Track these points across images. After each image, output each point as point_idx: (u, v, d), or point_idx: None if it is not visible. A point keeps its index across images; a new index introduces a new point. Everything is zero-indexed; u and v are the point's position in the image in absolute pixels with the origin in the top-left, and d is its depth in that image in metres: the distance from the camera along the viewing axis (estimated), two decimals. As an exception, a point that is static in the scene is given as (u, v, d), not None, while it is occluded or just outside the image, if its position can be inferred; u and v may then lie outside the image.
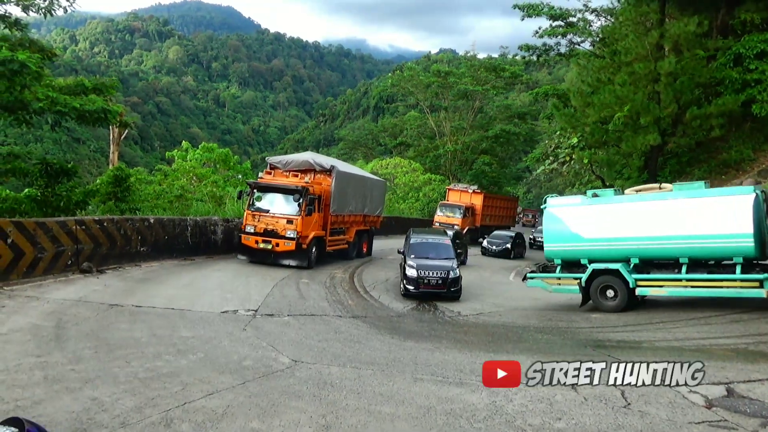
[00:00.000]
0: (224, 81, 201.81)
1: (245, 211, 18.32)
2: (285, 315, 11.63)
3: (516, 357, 8.06)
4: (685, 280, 12.56)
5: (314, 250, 18.38)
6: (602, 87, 25.29)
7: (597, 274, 13.70)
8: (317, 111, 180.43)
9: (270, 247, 17.55)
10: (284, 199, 18.03)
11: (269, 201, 18.18)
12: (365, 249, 23.55)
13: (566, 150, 38.70)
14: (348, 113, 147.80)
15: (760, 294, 11.52)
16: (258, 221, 17.83)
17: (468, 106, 57.70)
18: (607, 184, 35.78)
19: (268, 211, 17.93)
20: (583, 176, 42.86)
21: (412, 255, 15.49)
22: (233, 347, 8.78)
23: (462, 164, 57.31)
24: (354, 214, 21.56)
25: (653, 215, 13.01)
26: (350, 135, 78.00)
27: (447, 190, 41.69)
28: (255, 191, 18.37)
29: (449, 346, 9.88)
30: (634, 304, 13.55)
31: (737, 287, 11.90)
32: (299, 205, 17.67)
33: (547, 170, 45.20)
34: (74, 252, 13.51)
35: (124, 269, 14.76)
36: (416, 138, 62.88)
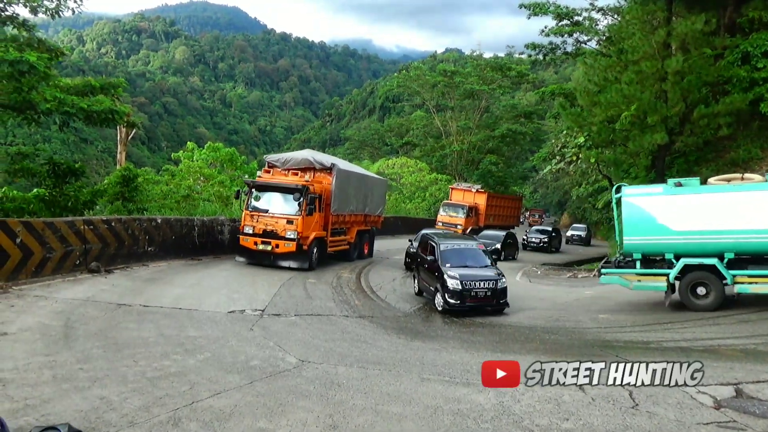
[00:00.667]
0: (231, 81, 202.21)
1: (243, 211, 17.77)
2: (292, 315, 11.65)
3: (523, 357, 8.05)
4: None
5: (315, 252, 17.82)
6: (609, 86, 25.17)
7: (688, 270, 12.54)
8: (323, 111, 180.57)
9: (269, 249, 16.98)
10: (284, 199, 17.44)
11: (268, 201, 17.58)
12: (366, 250, 22.89)
13: (573, 149, 38.59)
14: (354, 113, 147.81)
15: None
16: (257, 222, 17.23)
17: (474, 106, 57.61)
18: (614, 184, 35.74)
19: (267, 211, 17.34)
20: (590, 176, 42.80)
21: (448, 264, 13.64)
22: (240, 347, 8.81)
23: (468, 164, 57.22)
24: (355, 214, 20.97)
25: (752, 207, 12.07)
26: (356, 135, 78.05)
27: (450, 189, 40.92)
28: (253, 190, 17.75)
29: (456, 347, 9.87)
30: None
31: None
32: (299, 205, 17.06)
33: (554, 170, 45.11)
34: (82, 252, 13.58)
35: (132, 269, 14.82)
36: (422, 138, 62.84)
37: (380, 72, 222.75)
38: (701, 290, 12.59)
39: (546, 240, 35.61)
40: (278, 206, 17.38)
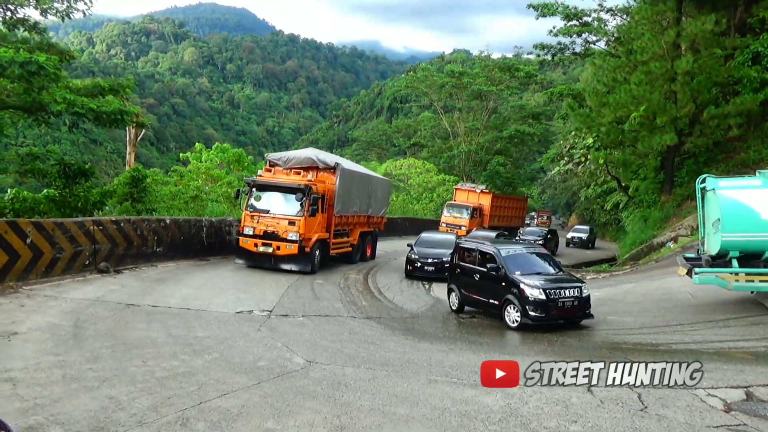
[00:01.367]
0: (239, 82, 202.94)
1: (243, 212, 17.14)
2: (299, 315, 11.67)
3: (531, 359, 8.01)
4: None
5: (318, 254, 17.23)
6: (618, 86, 25.12)
7: None
8: (331, 112, 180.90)
9: (270, 251, 16.37)
10: (286, 199, 16.79)
11: (269, 201, 16.92)
12: (369, 252, 22.22)
13: (581, 150, 38.51)
14: (362, 114, 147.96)
15: None
16: (257, 222, 16.62)
17: (482, 107, 57.51)
18: (623, 185, 35.58)
19: (268, 212, 16.69)
20: (599, 177, 42.69)
21: (517, 272, 11.91)
22: (248, 347, 8.83)
23: (476, 165, 57.12)
24: (358, 215, 20.42)
25: None
26: (364, 136, 78.17)
27: (454, 190, 40.28)
28: (253, 190, 17.10)
29: (464, 348, 9.85)
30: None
31: None
32: (302, 205, 16.47)
33: (562, 171, 44.98)
34: (92, 252, 13.67)
35: (141, 269, 14.90)
36: (430, 139, 62.80)
37: (388, 73, 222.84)
38: None
39: (541, 242, 31.43)
40: (280, 206, 16.78)
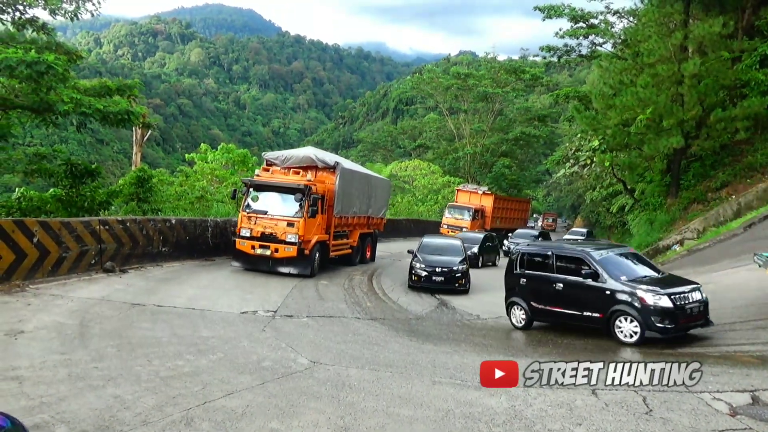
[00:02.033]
0: (245, 83, 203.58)
1: (240, 213, 16.59)
2: (304, 316, 11.68)
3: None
4: None
5: (317, 257, 16.70)
6: (624, 89, 25.05)
7: None
8: (336, 113, 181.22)
9: (268, 253, 15.81)
10: (284, 200, 16.26)
11: (267, 201, 16.36)
12: (369, 254, 21.64)
13: (587, 153, 38.40)
14: (367, 115, 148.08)
15: None
16: (255, 224, 16.08)
17: (488, 109, 57.50)
18: (629, 188, 35.47)
19: (266, 213, 16.14)
20: (604, 179, 42.52)
21: (623, 277, 10.32)
22: (253, 348, 8.85)
23: (481, 167, 57.10)
24: (358, 216, 19.86)
25: None
26: (369, 137, 78.26)
27: (456, 191, 40.10)
28: (251, 190, 16.57)
29: (468, 350, 9.84)
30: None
31: None
32: (301, 206, 15.94)
33: (568, 173, 44.86)
34: (98, 251, 13.72)
35: (146, 269, 14.95)
36: (435, 140, 62.84)
37: (394, 74, 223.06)
38: None
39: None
40: (278, 207, 16.23)
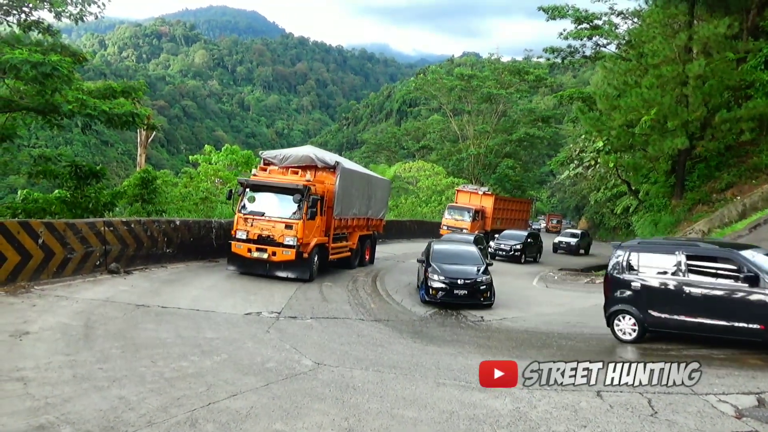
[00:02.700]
0: (249, 85, 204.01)
1: (236, 214, 15.87)
2: (308, 318, 11.68)
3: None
4: None
5: (316, 260, 16.11)
6: (629, 90, 24.96)
7: None
8: (340, 114, 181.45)
9: (266, 257, 15.14)
10: (282, 200, 15.57)
11: (264, 202, 15.68)
12: (368, 256, 20.99)
13: (591, 154, 38.31)
14: (371, 117, 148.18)
15: None
16: (251, 226, 15.42)
17: (491, 110, 57.50)
18: (633, 189, 35.40)
19: (263, 214, 15.46)
20: (609, 180, 42.41)
21: None
22: (257, 349, 8.86)
23: (485, 168, 57.10)
24: (358, 217, 19.18)
25: None
26: (373, 138, 78.38)
27: (456, 192, 39.60)
28: (247, 191, 15.89)
29: (472, 351, 9.82)
30: None
31: None
32: (300, 207, 15.28)
33: (572, 174, 44.78)
34: (102, 253, 13.76)
35: (151, 270, 14.97)
36: (439, 141, 62.87)
37: (397, 76, 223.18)
38: None
39: (518, 248, 28.35)
40: (276, 209, 15.55)
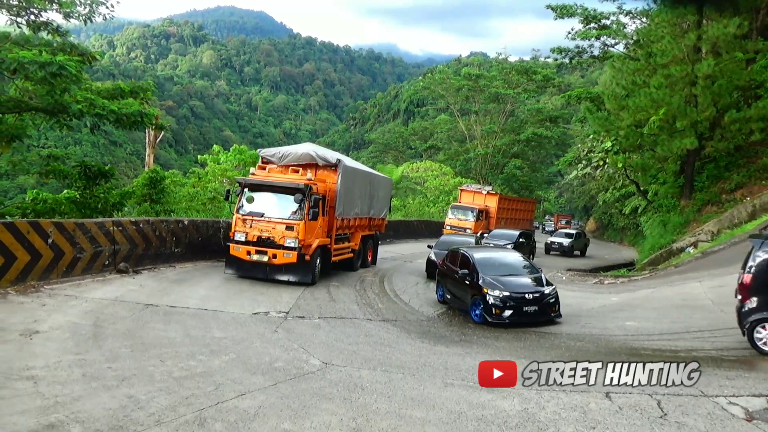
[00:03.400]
0: (256, 85, 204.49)
1: (234, 215, 15.22)
2: (316, 317, 11.70)
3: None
4: None
5: (318, 263, 15.44)
6: (637, 90, 24.86)
7: None
8: (348, 114, 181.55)
9: (266, 260, 14.52)
10: (283, 201, 14.94)
11: (264, 202, 15.04)
12: (370, 257, 20.30)
13: (599, 154, 38.15)
14: (378, 117, 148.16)
15: None
16: (250, 227, 14.77)
17: (499, 110, 57.39)
18: (642, 189, 35.24)
19: (263, 215, 14.83)
20: (617, 181, 42.23)
21: None
22: (265, 348, 8.88)
23: (493, 168, 56.99)
24: (360, 217, 18.50)
25: None
26: (381, 138, 78.32)
27: (459, 191, 39.02)
28: (246, 190, 15.24)
29: (480, 352, 9.80)
30: None
31: None
32: (301, 208, 14.67)
33: (580, 175, 44.60)
34: (111, 252, 13.83)
35: (159, 270, 15.03)
36: (447, 141, 62.78)
37: (405, 76, 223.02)
38: None
39: (509, 248, 26.69)
40: (276, 209, 14.93)
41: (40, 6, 16.35)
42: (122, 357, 7.76)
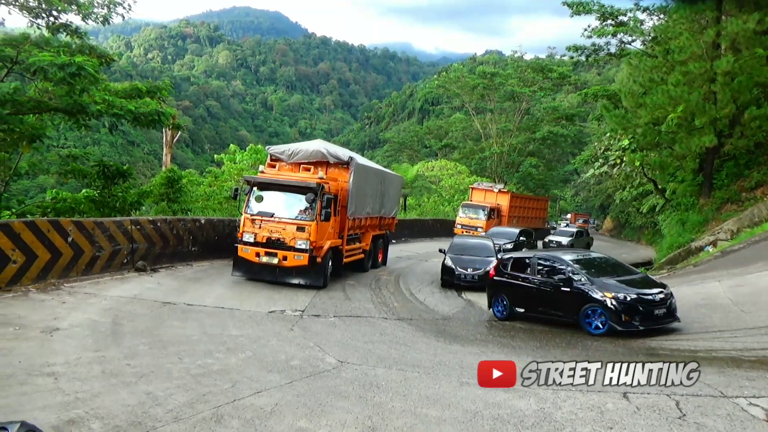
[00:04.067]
0: (272, 84, 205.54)
1: (242, 215, 14.68)
2: (331, 316, 11.73)
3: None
4: None
5: (330, 265, 14.94)
6: (655, 87, 24.58)
7: None
8: (362, 113, 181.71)
9: (275, 262, 13.96)
10: (293, 200, 14.35)
11: (273, 202, 14.46)
12: (380, 257, 19.68)
13: (617, 152, 37.82)
14: (393, 116, 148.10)
15: None
16: (259, 228, 14.19)
17: (514, 108, 57.05)
18: (660, 188, 34.85)
19: (273, 215, 14.22)
20: (634, 179, 41.82)
21: None
22: (281, 346, 8.93)
23: (508, 166, 56.68)
24: (371, 217, 17.93)
25: None
26: (395, 137, 78.17)
27: (470, 189, 38.66)
28: (254, 189, 14.67)
29: (495, 351, 9.77)
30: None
31: None
32: (313, 207, 14.05)
33: (597, 173, 44.21)
34: (129, 251, 13.99)
35: (176, 268, 15.18)
36: (462, 140, 62.52)
37: (420, 74, 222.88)
38: None
39: (509, 247, 26.07)
40: (286, 209, 14.36)
41: (60, 8, 16.57)
42: (140, 354, 7.85)
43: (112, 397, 6.18)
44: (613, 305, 10.85)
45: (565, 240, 32.00)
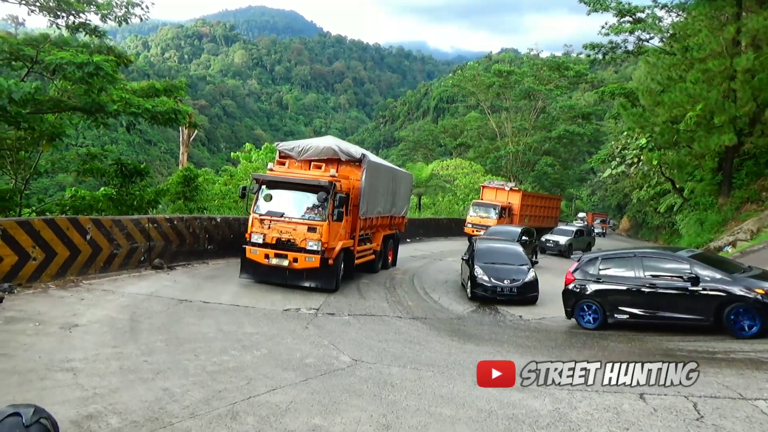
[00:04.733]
0: (287, 83, 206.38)
1: (250, 215, 14.00)
2: (345, 314, 11.76)
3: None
4: None
5: (342, 267, 14.35)
6: (673, 85, 24.34)
7: None
8: (377, 112, 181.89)
9: (285, 264, 13.31)
10: (304, 199, 13.66)
11: (283, 201, 13.75)
12: (390, 257, 19.12)
13: (634, 151, 37.47)
14: (408, 114, 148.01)
15: None
16: (268, 228, 13.52)
17: (530, 107, 56.76)
18: (678, 187, 34.47)
19: (282, 215, 13.52)
20: (652, 178, 41.42)
21: None
22: (296, 344, 8.96)
23: (523, 165, 56.41)
24: (382, 216, 17.38)
25: None
26: (410, 136, 78.04)
27: (481, 188, 38.01)
28: (263, 188, 13.96)
29: (510, 350, 9.72)
30: None
31: None
32: (325, 207, 13.38)
33: (614, 173, 43.81)
34: (147, 249, 14.13)
35: (193, 266, 15.30)
36: (477, 139, 62.34)
37: (434, 73, 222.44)
38: None
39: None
40: (296, 209, 13.67)
41: (79, 8, 16.78)
42: (157, 351, 7.93)
43: (130, 393, 6.25)
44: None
45: (564, 239, 29.18)
